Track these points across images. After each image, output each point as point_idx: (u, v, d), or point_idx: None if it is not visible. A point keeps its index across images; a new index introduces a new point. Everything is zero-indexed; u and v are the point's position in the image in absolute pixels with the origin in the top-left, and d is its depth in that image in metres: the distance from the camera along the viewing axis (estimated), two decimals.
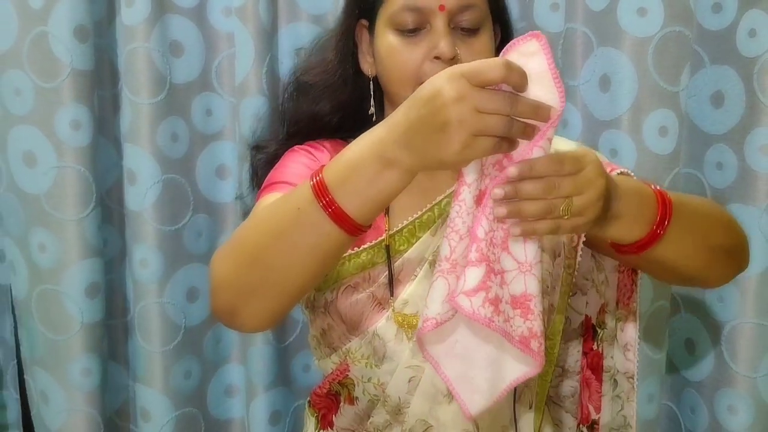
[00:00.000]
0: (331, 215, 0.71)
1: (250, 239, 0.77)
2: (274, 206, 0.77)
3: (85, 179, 1.22)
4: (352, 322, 0.93)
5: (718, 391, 1.23)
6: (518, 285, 0.75)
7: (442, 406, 0.92)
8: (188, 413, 1.33)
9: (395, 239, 0.94)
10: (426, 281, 0.91)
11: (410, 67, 0.90)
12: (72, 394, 1.26)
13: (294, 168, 0.96)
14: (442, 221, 0.94)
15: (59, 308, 1.24)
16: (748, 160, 1.17)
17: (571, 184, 0.69)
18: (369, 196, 0.71)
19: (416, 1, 0.89)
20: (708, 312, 1.25)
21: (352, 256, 0.93)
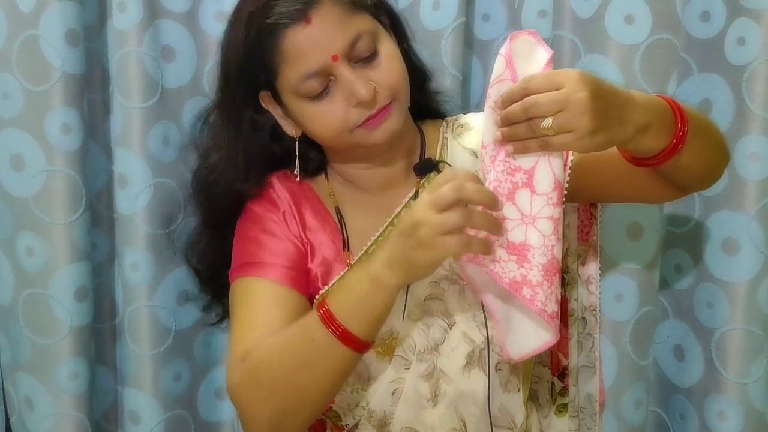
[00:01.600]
0: (340, 338, 0.81)
1: (274, 374, 0.85)
2: (288, 340, 0.85)
3: (75, 183, 1.22)
4: None
5: (708, 398, 1.23)
6: (518, 234, 0.82)
7: (427, 411, 0.94)
8: (178, 416, 1.33)
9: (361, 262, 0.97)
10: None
11: (338, 122, 0.91)
12: (59, 398, 1.25)
13: (265, 242, 0.98)
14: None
15: (47, 312, 1.23)
16: (737, 167, 1.17)
17: (546, 103, 0.74)
18: (365, 312, 0.82)
19: (310, 66, 0.88)
20: (697, 318, 1.25)
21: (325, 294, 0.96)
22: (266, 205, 1.00)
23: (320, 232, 0.99)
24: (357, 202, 1.01)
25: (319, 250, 0.99)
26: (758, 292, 1.19)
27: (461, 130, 1.01)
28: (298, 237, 0.99)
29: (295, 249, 0.98)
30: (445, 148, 1.01)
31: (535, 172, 0.81)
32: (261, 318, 0.92)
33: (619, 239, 1.22)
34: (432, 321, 0.94)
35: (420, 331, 0.94)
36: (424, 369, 0.94)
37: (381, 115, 0.90)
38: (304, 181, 1.03)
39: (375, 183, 1.00)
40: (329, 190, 1.02)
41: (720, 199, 1.20)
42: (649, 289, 1.25)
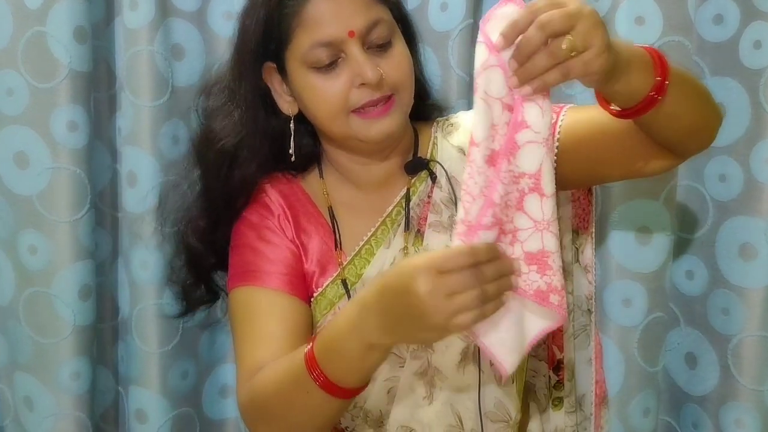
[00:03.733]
0: (321, 386, 0.79)
1: (272, 405, 0.85)
2: (282, 386, 0.84)
3: (81, 181, 1.21)
4: None
5: (724, 405, 1.21)
6: (534, 242, 0.77)
7: (423, 409, 0.93)
8: (184, 413, 1.32)
9: (354, 263, 0.97)
10: None
11: (337, 100, 0.90)
12: (60, 399, 1.24)
13: (263, 250, 0.97)
14: (394, 232, 0.97)
15: (50, 311, 1.22)
16: (753, 171, 1.16)
17: (561, 17, 0.69)
18: (356, 370, 0.78)
19: (324, 35, 0.88)
20: (711, 325, 1.23)
21: (319, 297, 0.97)
22: (261, 211, 1.00)
23: (313, 234, 0.99)
24: (350, 202, 1.00)
25: (312, 252, 0.98)
26: None
27: (451, 129, 1.01)
28: (293, 240, 0.98)
29: (291, 254, 0.97)
30: (435, 147, 1.01)
31: (541, 174, 0.77)
32: (265, 332, 0.92)
33: (628, 243, 1.20)
34: None
35: None
36: (418, 366, 0.93)
37: (382, 110, 0.90)
38: (295, 182, 1.03)
39: (369, 180, 1.00)
40: (323, 190, 1.01)
41: (735, 204, 1.18)
42: (659, 295, 1.23)
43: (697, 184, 1.22)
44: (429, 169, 0.98)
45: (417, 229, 0.97)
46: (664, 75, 0.78)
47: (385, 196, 0.99)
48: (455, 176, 0.97)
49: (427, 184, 0.98)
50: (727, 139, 1.17)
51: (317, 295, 0.97)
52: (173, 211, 1.08)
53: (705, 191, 1.22)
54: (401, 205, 0.98)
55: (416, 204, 0.98)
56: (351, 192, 1.01)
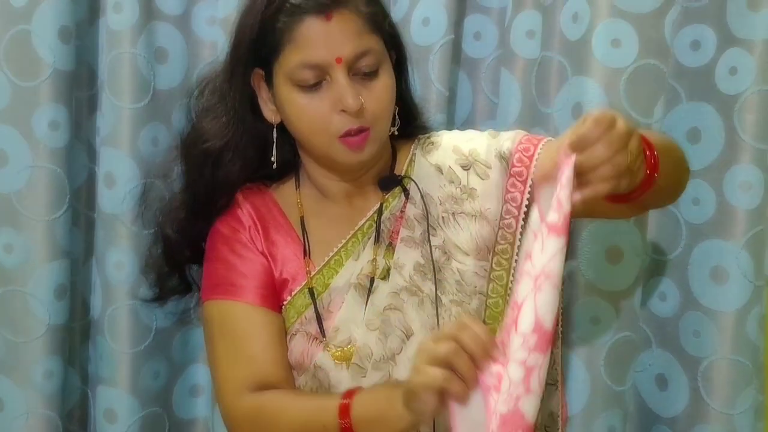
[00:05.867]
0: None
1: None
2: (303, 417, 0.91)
3: (60, 180, 1.22)
4: (297, 363, 0.98)
5: (694, 428, 1.21)
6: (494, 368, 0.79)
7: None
8: (154, 413, 1.33)
9: (323, 273, 0.99)
10: (353, 304, 0.97)
11: (319, 121, 0.92)
12: (32, 398, 1.24)
13: (235, 264, 0.99)
14: (364, 245, 0.99)
15: (24, 310, 1.23)
16: (727, 195, 1.16)
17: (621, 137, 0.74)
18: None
19: (313, 57, 0.89)
20: (683, 347, 1.23)
21: (289, 305, 0.99)
22: (232, 224, 1.01)
23: (282, 245, 1.00)
24: (322, 213, 1.02)
25: (281, 263, 1.00)
26: (747, 322, 1.17)
27: (431, 147, 1.02)
28: (263, 252, 1.00)
29: (261, 267, 0.99)
30: (412, 164, 1.02)
31: (522, 307, 0.76)
32: (245, 350, 0.96)
33: (598, 262, 1.20)
34: (390, 331, 0.95)
35: (377, 341, 0.95)
36: (379, 378, 0.95)
37: (360, 140, 0.92)
38: (267, 192, 1.04)
39: (343, 193, 1.01)
40: (297, 200, 1.02)
41: (708, 228, 1.18)
42: (628, 315, 1.23)
43: (671, 207, 1.22)
44: (403, 186, 1.00)
45: (389, 242, 0.98)
46: (655, 164, 0.82)
47: (358, 209, 1.00)
48: (430, 194, 0.99)
49: (400, 200, 1.00)
50: (701, 163, 1.18)
51: (287, 304, 0.98)
52: (155, 204, 1.09)
53: (679, 214, 1.22)
54: (373, 219, 0.99)
55: (388, 218, 0.99)
56: (324, 204, 1.02)
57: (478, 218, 0.97)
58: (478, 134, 1.03)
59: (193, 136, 1.01)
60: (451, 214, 0.98)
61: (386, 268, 0.97)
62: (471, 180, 0.98)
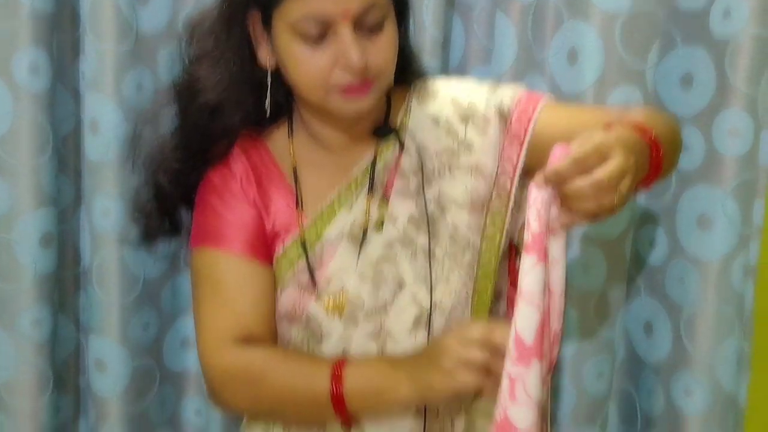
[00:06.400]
0: (337, 412, 0.88)
1: (266, 393, 0.91)
2: (293, 383, 0.91)
3: (42, 126, 1.19)
4: (289, 314, 0.97)
5: (675, 374, 1.23)
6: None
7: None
8: (144, 365, 1.33)
9: (316, 223, 0.97)
10: (346, 254, 0.96)
11: (319, 75, 0.88)
12: (21, 346, 1.24)
13: (225, 214, 0.97)
14: (357, 195, 0.97)
15: (10, 258, 1.21)
16: (715, 142, 1.16)
17: (613, 179, 0.74)
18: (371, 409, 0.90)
19: (319, 10, 0.85)
20: (668, 295, 1.25)
21: (282, 257, 0.97)
22: (224, 173, 0.99)
23: (275, 196, 0.99)
24: (315, 162, 1.00)
25: (273, 214, 0.98)
26: (731, 271, 1.18)
27: (427, 97, 1.01)
28: (254, 202, 0.98)
29: (252, 218, 0.98)
30: (408, 114, 1.00)
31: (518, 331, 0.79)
32: (230, 300, 0.94)
33: None
34: (382, 282, 0.95)
35: (370, 291, 0.95)
36: (371, 328, 0.94)
37: (361, 90, 0.90)
38: (260, 141, 1.02)
39: (337, 142, 0.99)
40: (289, 149, 1.00)
41: (696, 175, 1.19)
42: (619, 263, 1.24)
43: None
44: (398, 137, 0.98)
45: (382, 193, 0.97)
46: (658, 163, 0.84)
47: (352, 159, 0.99)
48: (425, 145, 0.97)
49: (395, 151, 0.98)
50: (692, 109, 1.18)
51: (279, 256, 0.97)
52: (143, 152, 1.05)
53: None
54: (368, 169, 0.98)
55: (382, 169, 0.98)
56: (318, 153, 1.00)
57: (474, 172, 0.96)
58: (477, 86, 1.01)
59: (189, 87, 0.97)
60: (447, 167, 0.97)
61: (380, 220, 0.96)
62: (469, 133, 0.97)
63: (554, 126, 0.94)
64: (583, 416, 1.27)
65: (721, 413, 1.21)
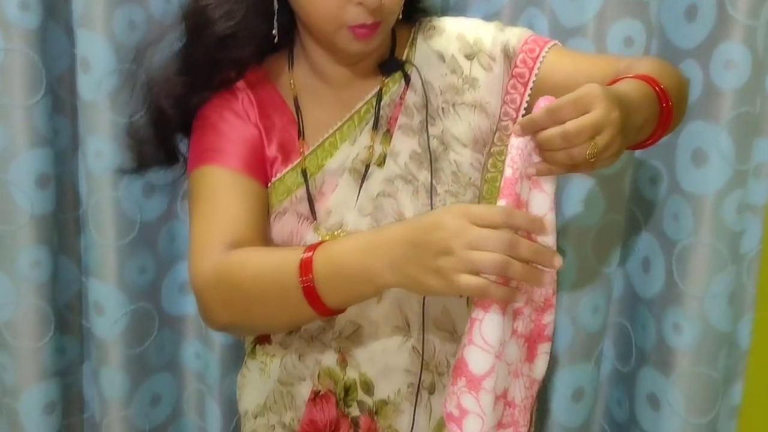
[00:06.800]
0: (304, 290, 0.79)
1: (241, 294, 0.84)
2: (263, 276, 0.82)
3: (34, 64, 1.17)
4: (285, 242, 0.95)
5: (666, 310, 1.24)
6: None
7: (372, 307, 0.94)
8: (142, 308, 1.33)
9: (317, 153, 0.96)
10: (347, 188, 0.95)
11: (332, 11, 0.86)
12: (21, 286, 1.24)
13: (225, 130, 0.95)
14: (361, 130, 0.96)
15: (7, 198, 1.21)
16: (712, 75, 1.15)
17: (586, 130, 0.71)
18: (343, 292, 0.79)
19: None
20: (663, 230, 1.25)
21: (278, 182, 0.96)
22: (225, 94, 0.98)
23: (276, 121, 0.98)
24: (317, 94, 0.99)
25: (274, 138, 0.97)
26: (724, 206, 1.18)
27: (433, 33, 0.99)
28: (255, 124, 0.97)
29: (252, 137, 0.96)
30: (413, 48, 0.99)
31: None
32: (222, 209, 0.91)
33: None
34: (382, 217, 0.94)
35: (369, 226, 0.94)
36: None
37: (371, 30, 0.88)
38: (260, 68, 1.00)
39: (340, 76, 0.98)
40: (290, 80, 0.99)
41: (694, 109, 1.18)
42: (617, 198, 1.24)
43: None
44: (404, 71, 0.97)
45: (386, 129, 0.96)
46: (668, 117, 0.82)
47: (355, 93, 0.98)
48: (430, 81, 0.96)
49: (400, 86, 0.97)
50: (692, 41, 1.17)
51: (275, 181, 0.96)
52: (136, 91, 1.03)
53: None
54: (371, 103, 0.97)
55: (387, 104, 0.97)
56: (320, 86, 0.99)
57: (478, 109, 0.95)
58: (483, 23, 1.00)
59: (199, 15, 0.94)
60: (451, 105, 0.96)
61: (382, 155, 0.95)
62: (474, 70, 0.96)
63: (560, 71, 0.93)
64: (579, 352, 1.29)
65: (709, 350, 1.21)
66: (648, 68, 0.86)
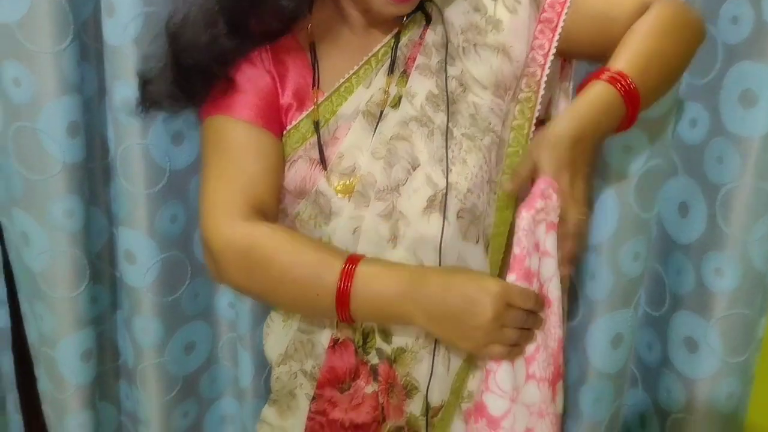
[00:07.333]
0: (338, 309, 0.85)
1: (266, 275, 0.88)
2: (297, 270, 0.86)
3: (62, 9, 1.13)
4: (297, 189, 0.94)
5: (707, 254, 1.22)
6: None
7: (387, 252, 0.93)
8: (174, 257, 1.32)
9: (331, 99, 0.94)
10: (361, 131, 0.93)
11: None
12: (55, 236, 1.23)
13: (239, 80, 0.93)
14: (377, 72, 0.94)
15: (38, 147, 1.19)
16: (765, 15, 1.11)
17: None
18: (372, 319, 0.91)
19: None
20: (705, 174, 1.23)
21: (293, 131, 0.94)
22: (255, 60, 0.95)
23: (291, 67, 0.95)
24: (336, 39, 0.96)
25: (289, 85, 0.95)
26: None
27: None
28: (269, 71, 0.95)
29: (266, 86, 0.94)
30: None
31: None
32: (240, 167, 0.90)
33: None
34: (396, 161, 0.92)
35: (382, 170, 0.92)
36: (383, 208, 0.92)
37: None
38: None
39: (360, 21, 0.96)
40: (307, 24, 0.96)
41: (743, 48, 1.14)
42: (661, 142, 1.21)
43: (710, 26, 1.17)
44: (424, 10, 0.94)
45: (403, 69, 0.94)
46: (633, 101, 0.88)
47: (374, 36, 0.95)
48: (451, 20, 0.93)
49: (420, 26, 0.95)
50: None
51: (291, 129, 0.94)
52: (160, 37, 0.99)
53: (717, 34, 1.18)
54: (389, 45, 0.95)
55: (405, 44, 0.94)
56: (338, 30, 0.96)
57: (501, 53, 0.92)
58: None
59: None
60: (473, 45, 0.93)
61: (398, 96, 0.93)
62: (498, 11, 0.93)
63: (588, 15, 0.93)
64: (619, 299, 1.28)
65: (749, 291, 1.21)
66: (635, 47, 0.90)
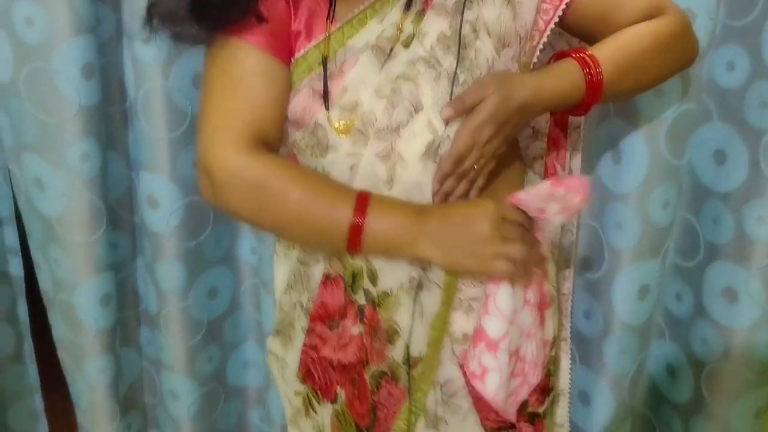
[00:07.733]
0: (348, 241, 0.85)
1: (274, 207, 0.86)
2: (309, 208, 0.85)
3: None
4: (296, 119, 0.91)
5: (748, 202, 1.18)
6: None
7: (383, 192, 0.90)
8: (197, 202, 1.30)
9: (343, 30, 0.91)
10: (368, 65, 0.90)
11: None
12: (71, 180, 1.21)
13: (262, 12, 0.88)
14: (392, 5, 0.90)
15: (52, 89, 1.16)
16: None
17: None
18: (380, 251, 0.88)
19: None
20: (746, 120, 1.17)
21: (300, 60, 0.91)
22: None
23: None
24: None
25: (302, 12, 0.91)
26: None
27: None
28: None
29: (282, 12, 0.90)
30: None
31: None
32: (247, 95, 0.87)
33: None
34: (399, 101, 0.89)
35: (384, 109, 0.89)
36: (381, 149, 0.90)
37: None
38: None
39: None
40: None
41: None
42: (693, 86, 1.16)
43: None
44: None
45: (421, 8, 0.90)
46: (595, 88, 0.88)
47: None
48: None
49: None
50: None
51: (299, 57, 0.91)
52: None
53: None
54: None
55: None
56: None
57: (509, 5, 0.89)
58: None
59: None
60: None
61: (411, 35, 0.89)
62: None
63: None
64: (647, 248, 1.24)
65: None
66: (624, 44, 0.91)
